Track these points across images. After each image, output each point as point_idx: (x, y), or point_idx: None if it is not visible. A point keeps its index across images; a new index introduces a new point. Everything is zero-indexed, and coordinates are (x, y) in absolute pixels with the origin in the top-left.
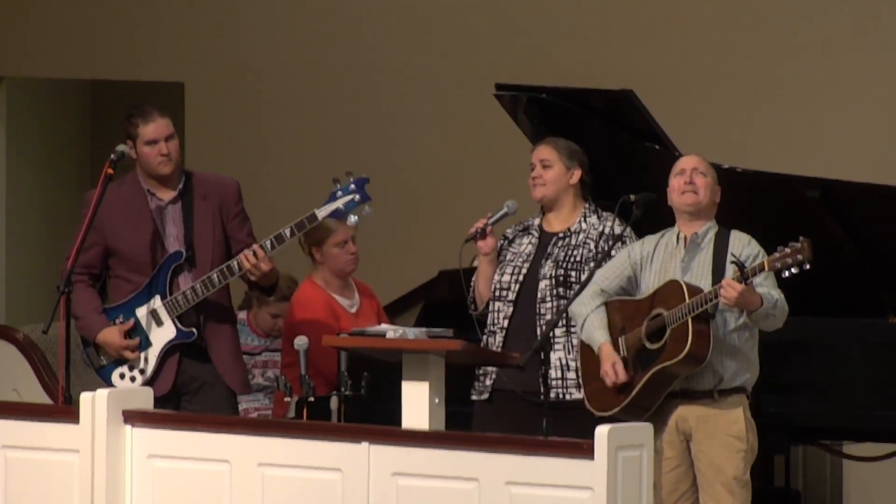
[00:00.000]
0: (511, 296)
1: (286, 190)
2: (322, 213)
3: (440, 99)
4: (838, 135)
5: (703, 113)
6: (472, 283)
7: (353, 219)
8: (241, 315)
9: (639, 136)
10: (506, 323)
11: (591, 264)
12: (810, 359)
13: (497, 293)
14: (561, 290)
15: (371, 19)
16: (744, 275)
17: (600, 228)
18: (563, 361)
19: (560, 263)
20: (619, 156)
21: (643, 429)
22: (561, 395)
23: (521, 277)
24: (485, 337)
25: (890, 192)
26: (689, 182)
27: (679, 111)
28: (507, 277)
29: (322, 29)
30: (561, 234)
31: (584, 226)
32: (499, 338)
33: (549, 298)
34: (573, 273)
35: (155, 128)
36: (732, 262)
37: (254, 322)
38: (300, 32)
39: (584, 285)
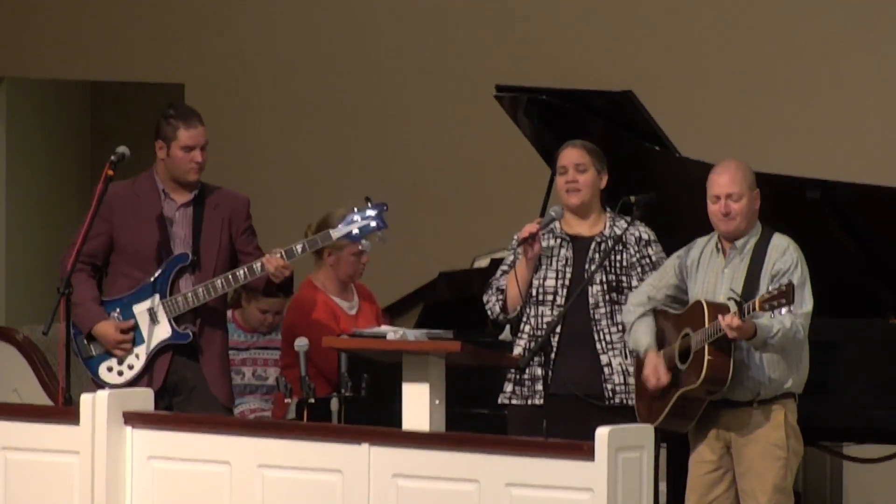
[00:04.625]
0: (560, 300)
1: (286, 190)
2: (336, 234)
3: (440, 99)
4: (838, 135)
5: (703, 113)
6: (499, 287)
7: (365, 244)
8: (227, 313)
9: (639, 136)
10: (558, 328)
11: (639, 269)
12: (811, 359)
13: (541, 297)
14: (614, 294)
15: (371, 19)
16: (741, 310)
17: (636, 234)
18: (623, 367)
19: (608, 269)
20: (619, 157)
21: (643, 430)
22: (624, 400)
23: (566, 282)
24: (523, 341)
25: (890, 192)
26: (725, 213)
27: (679, 111)
28: (550, 282)
29: (322, 29)
30: (598, 239)
31: (616, 230)
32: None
33: (602, 304)
34: (624, 278)
35: (196, 134)
36: (731, 300)
37: (240, 319)
38: (300, 32)
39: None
